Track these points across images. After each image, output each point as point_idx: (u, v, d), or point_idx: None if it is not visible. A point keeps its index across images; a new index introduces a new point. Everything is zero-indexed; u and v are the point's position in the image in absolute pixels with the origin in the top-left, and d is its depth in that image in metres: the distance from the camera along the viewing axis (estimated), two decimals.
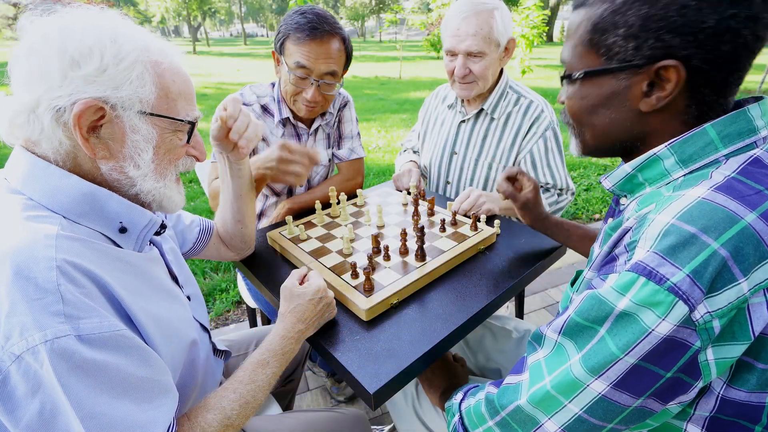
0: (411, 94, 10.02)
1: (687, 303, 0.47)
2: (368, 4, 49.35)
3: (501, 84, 1.53)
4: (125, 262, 0.66)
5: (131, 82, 0.62)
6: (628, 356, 0.51)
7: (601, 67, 0.61)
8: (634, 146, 0.65)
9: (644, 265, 0.50)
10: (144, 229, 0.71)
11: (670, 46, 0.54)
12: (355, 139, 1.65)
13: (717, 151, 0.57)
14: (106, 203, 0.65)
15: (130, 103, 0.63)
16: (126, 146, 0.65)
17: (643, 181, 0.63)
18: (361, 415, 1.06)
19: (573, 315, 0.57)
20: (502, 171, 1.53)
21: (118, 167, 0.65)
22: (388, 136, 6.20)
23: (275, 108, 1.47)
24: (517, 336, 1.18)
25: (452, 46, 1.42)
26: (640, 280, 0.50)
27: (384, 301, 0.94)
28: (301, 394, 1.83)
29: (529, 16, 8.06)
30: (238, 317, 2.34)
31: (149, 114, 0.66)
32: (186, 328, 0.75)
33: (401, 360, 0.82)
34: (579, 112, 0.67)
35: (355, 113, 1.66)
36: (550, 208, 1.49)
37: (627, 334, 0.51)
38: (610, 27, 0.58)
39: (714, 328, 0.49)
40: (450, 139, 1.65)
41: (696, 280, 0.47)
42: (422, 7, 27.79)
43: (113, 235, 0.67)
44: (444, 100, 1.73)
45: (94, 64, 0.60)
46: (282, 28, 1.32)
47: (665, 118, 0.60)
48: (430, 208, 1.34)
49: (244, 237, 1.12)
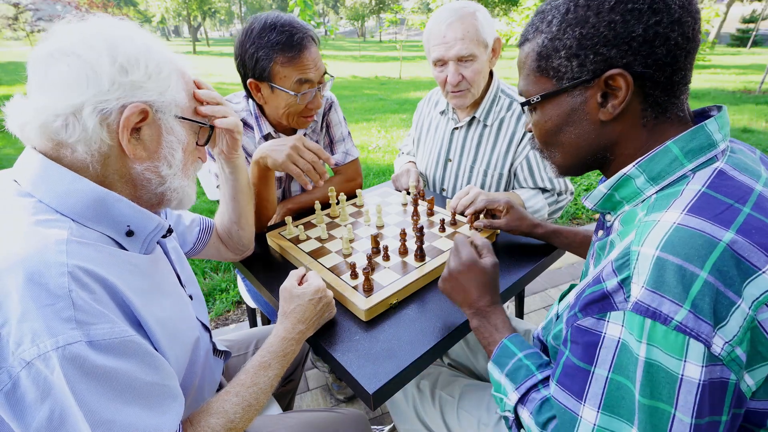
0: (411, 94, 10.02)
1: (699, 339, 0.47)
2: (368, 4, 49.33)
3: (492, 89, 1.51)
4: (132, 263, 0.67)
5: (170, 88, 0.68)
6: (681, 415, 0.49)
7: (555, 89, 0.65)
8: (605, 157, 0.68)
9: (645, 305, 0.50)
10: (151, 233, 0.72)
11: (609, 57, 0.59)
12: (347, 140, 1.62)
13: (683, 166, 0.59)
14: (115, 207, 0.66)
15: (170, 108, 0.69)
16: (162, 147, 0.70)
17: (621, 200, 0.66)
18: (361, 415, 1.06)
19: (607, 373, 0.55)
20: (496, 179, 1.54)
21: (152, 167, 0.69)
22: (388, 136, 6.20)
23: (254, 123, 1.42)
24: None
25: (441, 55, 1.39)
26: (647, 322, 0.49)
27: (383, 302, 0.94)
28: (301, 394, 1.84)
29: (529, 16, 8.06)
30: (238, 317, 2.34)
31: (181, 118, 0.72)
32: (189, 328, 0.76)
33: (401, 360, 0.82)
34: (545, 134, 0.70)
35: (341, 113, 1.62)
36: (550, 208, 1.49)
37: (668, 388, 0.50)
38: (552, 52, 0.63)
39: (740, 356, 0.48)
40: (444, 147, 1.64)
41: (698, 314, 0.47)
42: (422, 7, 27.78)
43: (120, 239, 0.68)
44: (436, 105, 1.71)
45: (141, 71, 0.64)
46: (260, 55, 1.19)
47: (626, 124, 0.64)
48: (430, 208, 1.34)
49: (241, 239, 1.12)
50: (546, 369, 0.72)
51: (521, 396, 0.71)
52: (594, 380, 0.55)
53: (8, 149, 5.39)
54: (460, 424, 0.98)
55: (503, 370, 0.75)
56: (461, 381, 1.07)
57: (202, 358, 0.81)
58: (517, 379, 0.73)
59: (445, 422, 1.00)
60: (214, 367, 0.91)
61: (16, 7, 21.75)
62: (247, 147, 1.42)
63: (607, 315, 0.54)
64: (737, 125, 6.38)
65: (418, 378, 1.09)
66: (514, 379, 0.73)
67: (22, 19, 22.43)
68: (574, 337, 0.58)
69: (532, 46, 0.66)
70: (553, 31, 0.63)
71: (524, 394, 0.71)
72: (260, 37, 1.19)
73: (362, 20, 52.50)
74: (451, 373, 1.12)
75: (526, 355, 0.75)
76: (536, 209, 1.46)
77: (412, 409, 1.08)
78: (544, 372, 0.72)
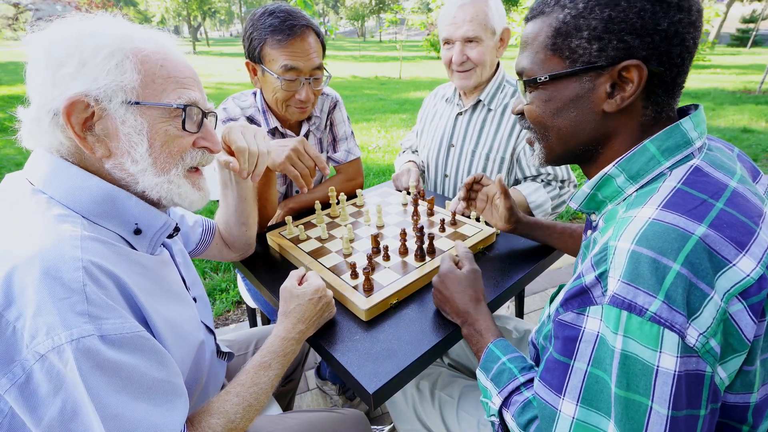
0: (411, 94, 10.02)
1: (673, 329, 0.48)
2: (368, 4, 49.34)
3: (497, 77, 1.56)
4: (140, 264, 0.67)
5: (109, 71, 0.61)
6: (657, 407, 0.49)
7: (567, 70, 0.62)
8: (594, 150, 0.67)
9: (621, 297, 0.50)
10: (158, 231, 0.71)
11: (631, 47, 0.58)
12: (350, 139, 1.63)
13: (660, 164, 0.60)
14: (124, 204, 0.66)
15: (113, 94, 0.62)
16: (120, 141, 0.64)
17: (604, 199, 0.67)
18: (361, 415, 1.06)
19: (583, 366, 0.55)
20: (499, 164, 1.54)
21: (118, 164, 0.65)
22: (388, 136, 6.20)
23: (261, 119, 1.43)
24: (517, 336, 1.18)
25: (449, 34, 1.46)
26: (623, 314, 0.50)
27: (383, 301, 0.94)
28: (301, 394, 1.83)
29: None
30: (238, 317, 2.34)
31: (134, 103, 0.64)
32: (194, 331, 0.76)
33: (401, 360, 0.82)
34: (542, 116, 0.68)
35: (345, 112, 1.64)
36: (553, 202, 1.50)
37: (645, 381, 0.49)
38: (573, 31, 0.60)
39: (714, 348, 0.49)
40: (447, 132, 1.66)
41: (671, 305, 0.48)
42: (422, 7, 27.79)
43: (128, 237, 0.68)
44: (443, 97, 1.75)
45: (75, 59, 0.60)
46: (254, 35, 1.24)
47: (625, 120, 0.63)
48: (430, 208, 1.34)
49: (247, 239, 1.12)
50: (529, 372, 0.73)
51: (504, 399, 0.72)
52: (573, 374, 0.56)
53: (8, 149, 5.39)
54: (459, 425, 0.98)
55: (488, 374, 0.76)
56: (461, 381, 1.07)
57: (207, 360, 0.81)
58: (500, 382, 0.74)
59: (444, 423, 1.00)
60: (219, 369, 0.91)
61: (16, 7, 21.75)
62: None
63: (586, 309, 0.54)
64: (737, 125, 6.38)
65: (417, 378, 1.09)
66: (497, 383, 0.74)
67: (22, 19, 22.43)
68: (556, 332, 0.59)
69: (549, 21, 0.63)
70: (579, 8, 0.59)
71: (507, 397, 0.71)
72: (259, 20, 1.23)
73: (362, 20, 52.50)
74: (451, 373, 1.12)
75: (509, 358, 0.76)
76: (539, 204, 1.46)
77: (411, 410, 1.07)
78: (526, 375, 0.72)
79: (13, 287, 0.52)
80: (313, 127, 1.53)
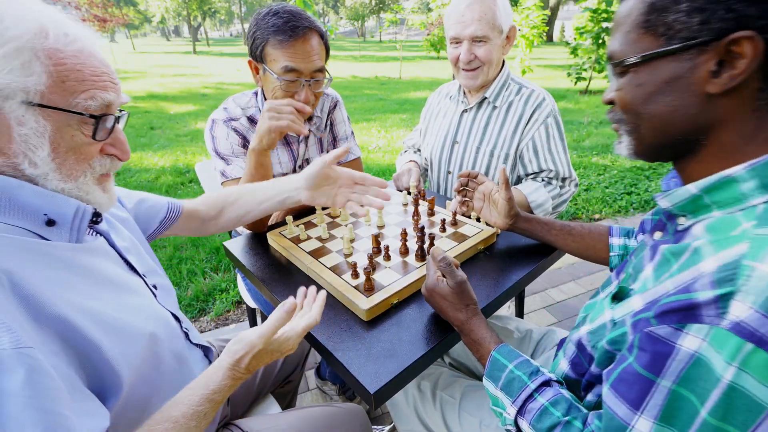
0: (411, 94, 10.02)
1: None
2: (368, 4, 49.34)
3: (503, 75, 1.56)
4: (51, 256, 0.61)
5: (11, 70, 0.55)
6: None
7: (662, 49, 0.54)
8: (696, 142, 0.57)
9: (750, 328, 0.43)
10: (74, 219, 0.65)
11: (744, 15, 0.48)
12: (350, 139, 1.63)
13: None
14: (17, 195, 0.59)
15: (11, 93, 0.55)
16: (14, 141, 0.57)
17: (711, 203, 0.56)
18: (359, 409, 1.06)
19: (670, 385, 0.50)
20: (503, 160, 1.55)
21: (10, 164, 0.59)
22: (388, 136, 6.20)
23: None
24: (518, 336, 1.18)
25: (457, 33, 1.45)
26: (746, 346, 0.43)
27: (384, 301, 0.94)
28: (302, 394, 1.83)
29: (529, 16, 8.06)
30: (238, 317, 2.34)
31: (37, 105, 0.57)
32: (142, 320, 0.70)
33: (401, 360, 0.82)
34: (634, 101, 0.59)
35: (346, 112, 1.64)
36: (554, 201, 1.50)
37: (741, 411, 0.45)
38: (670, 4, 0.53)
39: None
40: (452, 129, 1.67)
41: None
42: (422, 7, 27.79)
43: (39, 230, 0.62)
44: (447, 94, 1.75)
45: None
46: (257, 34, 1.23)
47: (734, 104, 0.53)
48: (430, 208, 1.34)
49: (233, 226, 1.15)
50: (537, 376, 0.72)
51: (519, 408, 0.70)
52: (657, 391, 0.51)
53: None
54: (461, 426, 0.98)
55: (497, 384, 0.75)
56: (462, 382, 1.07)
57: (168, 350, 0.76)
58: (512, 392, 0.72)
59: (445, 423, 1.00)
60: (190, 358, 0.85)
61: None
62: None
63: (687, 327, 0.48)
64: None
65: (418, 378, 1.09)
66: (509, 393, 0.73)
67: None
68: (642, 344, 0.53)
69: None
70: None
71: (521, 406, 0.70)
72: (263, 19, 1.23)
73: (362, 20, 52.51)
74: (452, 373, 1.12)
75: (516, 365, 0.75)
76: (539, 203, 1.47)
77: (412, 410, 1.07)
78: (535, 380, 0.71)
79: None
80: (313, 127, 1.53)
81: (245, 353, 0.72)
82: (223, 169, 1.38)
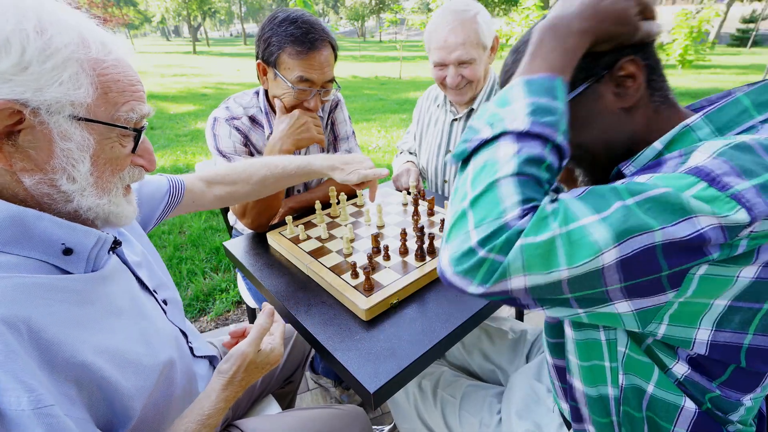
0: (411, 94, 10.02)
1: (750, 213, 0.43)
2: (368, 4, 49.34)
3: (488, 82, 1.55)
4: (67, 291, 0.58)
5: (61, 83, 0.53)
6: (659, 232, 0.45)
7: (573, 94, 0.62)
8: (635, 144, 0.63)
9: (707, 170, 0.46)
10: (93, 249, 0.62)
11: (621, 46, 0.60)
12: (351, 139, 1.64)
13: (752, 117, 0.56)
14: (36, 226, 0.56)
15: (59, 107, 0.53)
16: (55, 156, 0.55)
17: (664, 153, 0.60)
18: (361, 411, 1.06)
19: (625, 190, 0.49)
20: None
21: (47, 180, 0.55)
22: (388, 136, 6.20)
23: (264, 119, 1.43)
24: (513, 337, 1.18)
25: (442, 59, 1.43)
26: (700, 183, 0.46)
27: (384, 301, 0.94)
28: (301, 394, 1.84)
29: (529, 16, 8.08)
30: (238, 317, 2.34)
31: (84, 119, 0.56)
32: (158, 348, 0.68)
33: (401, 360, 0.82)
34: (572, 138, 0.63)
35: (347, 112, 1.64)
36: None
37: (669, 214, 0.45)
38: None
39: (738, 247, 0.46)
40: (444, 138, 1.67)
41: (762, 194, 0.44)
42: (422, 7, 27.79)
43: (56, 261, 0.58)
44: (435, 100, 1.74)
45: (12, 58, 0.49)
46: (273, 40, 1.24)
47: (642, 111, 0.63)
48: (430, 208, 1.34)
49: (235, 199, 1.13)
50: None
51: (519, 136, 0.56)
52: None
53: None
54: (461, 425, 0.98)
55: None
56: (463, 381, 1.07)
57: (180, 372, 0.75)
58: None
59: (446, 422, 1.00)
60: (197, 371, 0.85)
61: None
62: (256, 144, 1.43)
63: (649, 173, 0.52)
64: None
65: (419, 377, 1.09)
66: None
67: None
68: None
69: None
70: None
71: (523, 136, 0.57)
72: (279, 26, 1.24)
73: (362, 20, 52.50)
74: (453, 373, 1.12)
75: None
76: None
77: (413, 409, 1.08)
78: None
79: None
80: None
81: (237, 368, 0.72)
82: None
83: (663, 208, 0.46)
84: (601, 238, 0.46)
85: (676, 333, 0.54)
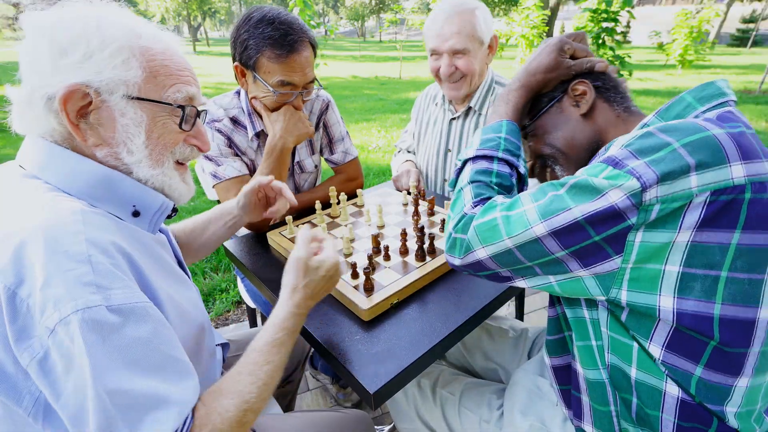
0: (411, 94, 10.01)
1: (639, 180, 0.55)
2: (368, 4, 49.34)
3: (486, 80, 1.56)
4: (141, 242, 0.68)
5: (115, 66, 0.63)
6: (576, 209, 0.59)
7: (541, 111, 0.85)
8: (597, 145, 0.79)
9: (613, 158, 0.59)
10: (156, 212, 0.73)
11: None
12: (345, 139, 1.62)
13: (695, 109, 0.66)
14: (120, 186, 0.67)
15: (114, 87, 0.64)
16: (117, 131, 0.66)
17: None
18: (365, 415, 1.06)
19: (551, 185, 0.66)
20: None
21: (112, 153, 0.67)
22: (388, 136, 6.20)
23: (246, 121, 1.41)
24: (513, 335, 1.18)
25: (436, 46, 1.46)
26: (608, 168, 0.58)
27: (384, 301, 0.94)
28: (301, 394, 1.84)
29: (529, 16, 8.08)
30: (238, 317, 2.34)
31: (135, 98, 0.66)
32: (196, 313, 0.76)
33: (401, 360, 0.82)
34: (545, 143, 0.85)
35: (338, 113, 1.62)
36: None
37: (586, 195, 0.59)
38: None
39: (653, 211, 0.55)
40: (443, 137, 1.67)
41: (651, 165, 0.55)
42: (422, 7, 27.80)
43: (127, 219, 0.69)
44: (434, 99, 1.74)
45: (80, 51, 0.61)
46: (250, 43, 1.19)
47: (602, 117, 0.80)
48: (430, 208, 1.34)
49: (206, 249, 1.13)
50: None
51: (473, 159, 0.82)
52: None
53: (8, 149, 5.39)
54: (461, 423, 0.98)
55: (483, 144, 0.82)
56: (462, 379, 1.07)
57: (206, 346, 0.80)
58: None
59: (446, 421, 1.00)
60: (218, 356, 0.90)
61: (16, 7, 21.72)
62: (240, 145, 1.41)
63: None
64: None
65: (418, 377, 1.09)
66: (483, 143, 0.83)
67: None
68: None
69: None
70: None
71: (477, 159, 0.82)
72: (256, 27, 1.19)
73: (362, 20, 52.50)
74: (452, 371, 1.12)
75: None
76: None
77: (412, 408, 1.08)
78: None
79: (23, 263, 0.52)
80: None
81: (296, 272, 0.79)
82: (214, 171, 1.36)
83: (582, 191, 0.60)
84: (531, 216, 0.64)
85: (639, 300, 0.61)
